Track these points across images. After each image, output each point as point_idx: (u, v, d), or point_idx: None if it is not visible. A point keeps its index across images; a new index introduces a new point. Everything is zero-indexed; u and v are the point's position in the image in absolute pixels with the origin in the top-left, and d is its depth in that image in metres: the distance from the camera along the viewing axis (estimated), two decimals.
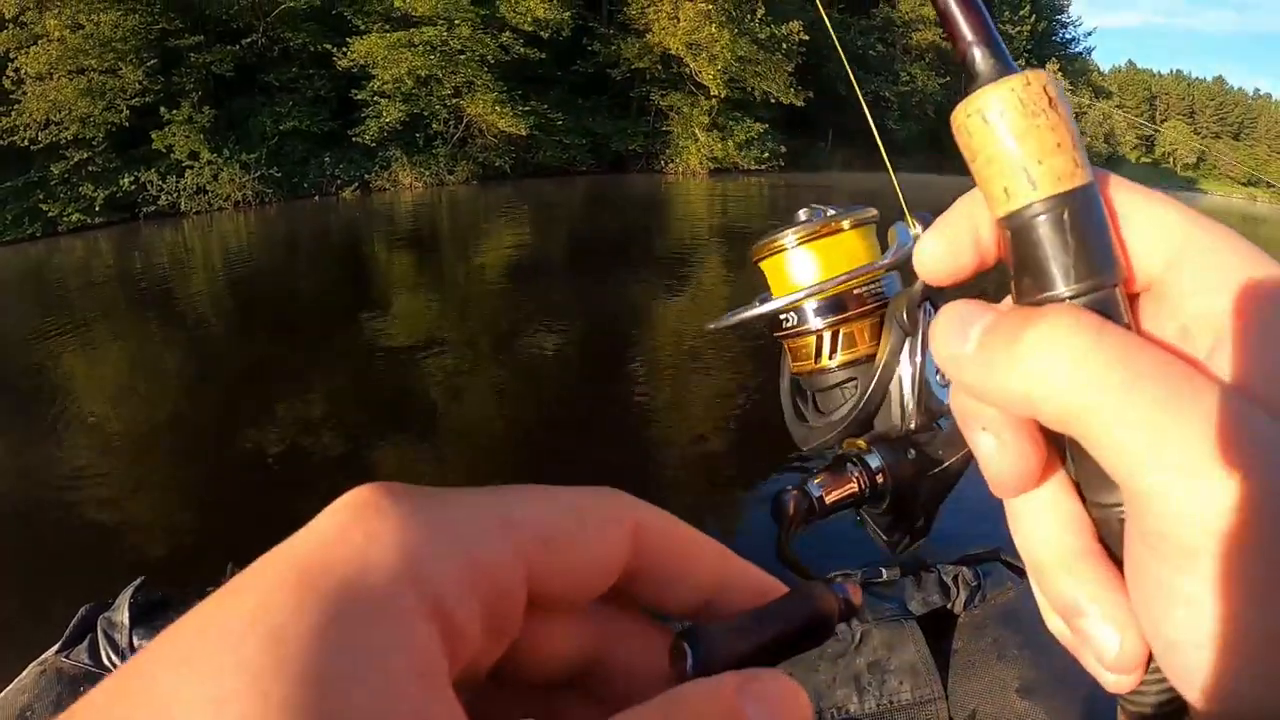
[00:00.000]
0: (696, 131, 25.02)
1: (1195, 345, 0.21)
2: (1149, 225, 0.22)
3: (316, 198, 19.40)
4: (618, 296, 8.42)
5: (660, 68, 24.34)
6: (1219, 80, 63.04)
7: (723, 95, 24.07)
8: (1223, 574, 0.17)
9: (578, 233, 14.32)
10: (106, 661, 1.13)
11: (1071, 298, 0.21)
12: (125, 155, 16.77)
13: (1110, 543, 0.22)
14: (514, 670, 0.21)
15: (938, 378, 0.54)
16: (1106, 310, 0.21)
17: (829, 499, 0.53)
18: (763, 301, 0.61)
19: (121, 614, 1.16)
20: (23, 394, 5.81)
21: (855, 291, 0.56)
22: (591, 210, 17.68)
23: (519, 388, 5.84)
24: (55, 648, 1.14)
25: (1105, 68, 60.10)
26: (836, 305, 0.56)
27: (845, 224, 0.57)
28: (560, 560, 0.19)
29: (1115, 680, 0.22)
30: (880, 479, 0.53)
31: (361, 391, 5.70)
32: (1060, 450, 0.23)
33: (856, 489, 0.53)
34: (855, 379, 0.57)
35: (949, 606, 1.51)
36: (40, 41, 15.64)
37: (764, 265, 0.60)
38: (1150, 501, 0.18)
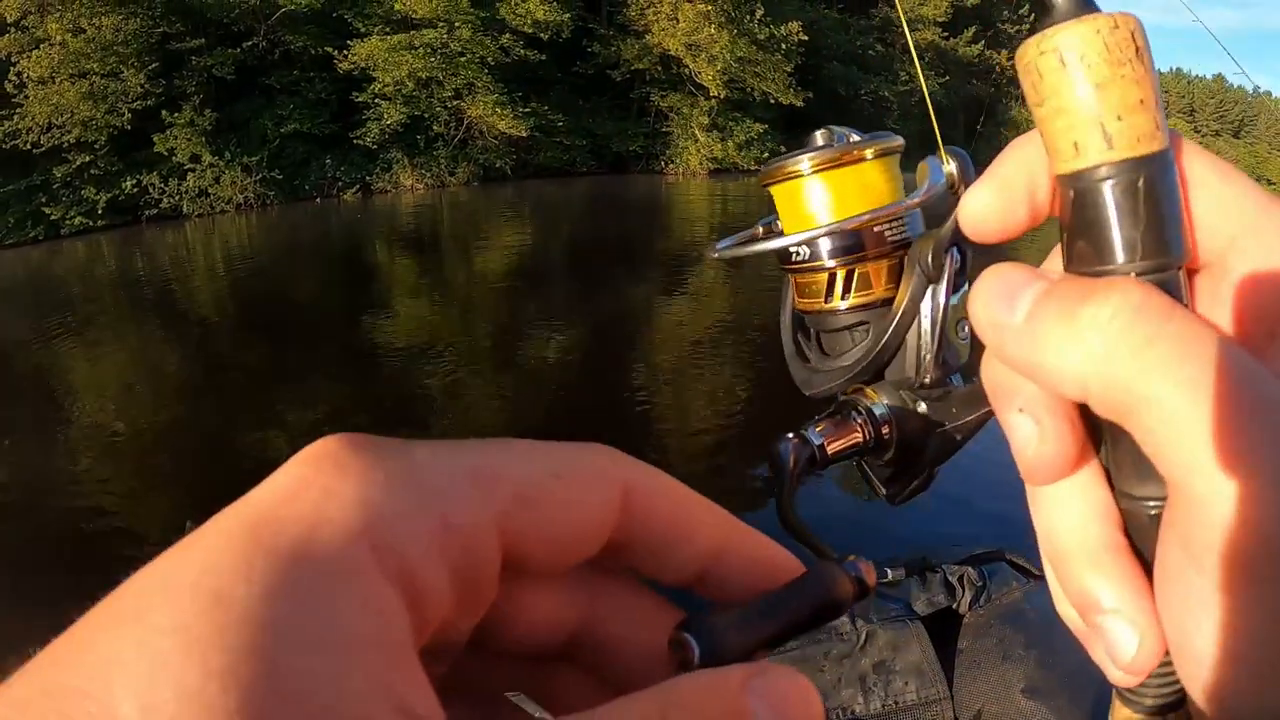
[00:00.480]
0: (696, 132, 25.02)
1: (1253, 334, 0.19)
2: (1218, 199, 0.20)
3: (318, 200, 19.42)
4: (619, 297, 8.44)
5: (660, 69, 24.36)
6: (1219, 78, 63.06)
7: (722, 96, 24.07)
8: (1273, 595, 0.16)
9: (579, 234, 14.35)
10: None
11: (1135, 275, 0.19)
12: (127, 158, 16.80)
13: (1135, 537, 0.21)
14: (497, 639, 0.19)
15: (962, 331, 0.50)
16: (1172, 292, 0.19)
17: (831, 448, 0.49)
18: (768, 229, 0.57)
19: None
20: (26, 396, 5.83)
21: (875, 229, 0.51)
22: (592, 211, 17.72)
23: (521, 389, 5.85)
24: None
25: None
26: (854, 243, 0.52)
27: (868, 153, 0.51)
28: (539, 520, 0.18)
29: (1123, 677, 0.21)
30: (886, 430, 0.49)
31: (363, 393, 5.70)
32: (1096, 434, 0.21)
33: (861, 439, 0.49)
34: (867, 323, 0.53)
35: (954, 607, 1.52)
36: (42, 45, 15.66)
37: (774, 190, 0.55)
38: (1205, 508, 0.17)
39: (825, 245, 0.52)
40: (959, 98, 35.72)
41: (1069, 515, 0.21)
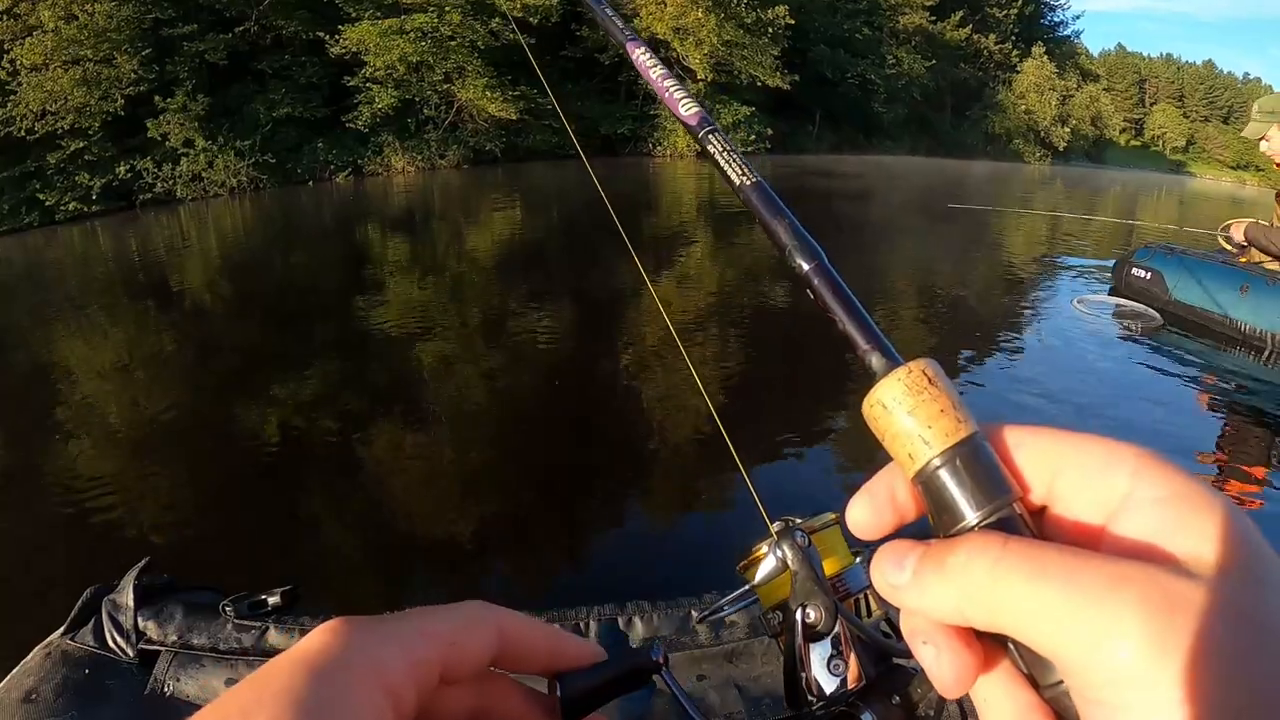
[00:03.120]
0: None
1: (1094, 530, 0.25)
2: (1032, 453, 0.27)
3: (310, 183, 19.59)
4: (607, 277, 8.55)
5: None
6: (1209, 64, 63.15)
7: (709, 79, 24.22)
8: (1160, 697, 0.20)
9: (568, 215, 14.42)
10: (111, 643, 1.12)
11: (979, 523, 0.25)
12: (121, 144, 16.93)
13: (1068, 716, 0.24)
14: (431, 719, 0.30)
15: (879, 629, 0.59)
16: (1010, 525, 0.25)
17: None
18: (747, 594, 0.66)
19: (126, 596, 1.15)
20: (22, 382, 5.93)
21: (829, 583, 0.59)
22: (581, 193, 17.79)
23: (510, 367, 5.97)
24: (61, 630, 1.14)
25: (1095, 51, 60.01)
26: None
27: (813, 528, 0.61)
28: (458, 653, 0.29)
29: None
30: None
31: (357, 376, 5.79)
32: (1004, 650, 0.26)
33: None
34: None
35: None
36: (35, 33, 15.75)
37: (748, 575, 0.63)
38: (1078, 658, 0.22)
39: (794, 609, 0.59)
40: (947, 81, 35.79)
41: (1004, 714, 0.26)
